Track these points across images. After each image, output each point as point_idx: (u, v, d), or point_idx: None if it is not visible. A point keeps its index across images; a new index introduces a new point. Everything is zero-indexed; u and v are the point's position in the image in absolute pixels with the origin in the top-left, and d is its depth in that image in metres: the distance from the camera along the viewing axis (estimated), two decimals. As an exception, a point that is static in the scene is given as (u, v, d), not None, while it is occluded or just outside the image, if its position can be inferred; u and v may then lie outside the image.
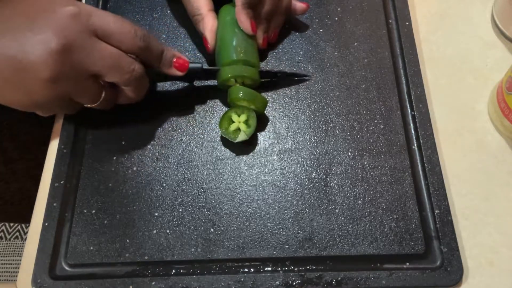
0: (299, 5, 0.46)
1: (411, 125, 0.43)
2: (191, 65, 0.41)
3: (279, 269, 0.37)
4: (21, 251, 1.11)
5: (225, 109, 0.44)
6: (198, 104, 0.44)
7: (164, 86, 0.45)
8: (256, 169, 0.41)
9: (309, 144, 0.42)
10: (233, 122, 0.41)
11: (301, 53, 0.47)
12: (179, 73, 0.41)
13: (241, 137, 0.40)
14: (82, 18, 0.35)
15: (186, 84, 0.45)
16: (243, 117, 0.41)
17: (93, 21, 0.35)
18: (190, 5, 0.44)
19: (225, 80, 0.42)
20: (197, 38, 0.47)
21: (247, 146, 0.42)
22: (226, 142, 0.42)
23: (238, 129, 0.41)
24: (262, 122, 0.43)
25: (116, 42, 0.36)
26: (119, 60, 0.36)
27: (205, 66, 0.42)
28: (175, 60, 0.40)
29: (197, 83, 0.45)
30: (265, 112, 0.44)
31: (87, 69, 0.35)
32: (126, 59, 0.37)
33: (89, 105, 0.39)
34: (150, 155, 0.42)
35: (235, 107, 0.41)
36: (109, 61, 0.36)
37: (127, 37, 0.36)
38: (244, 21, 0.42)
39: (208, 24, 0.43)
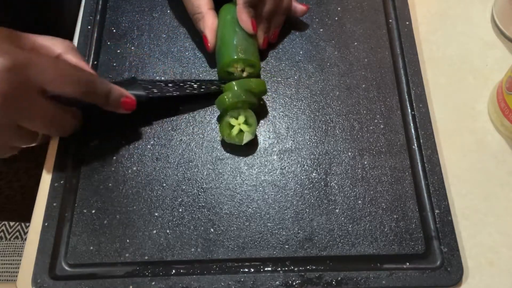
0: (299, 7, 0.46)
1: (411, 125, 0.43)
2: (138, 98, 0.40)
3: (279, 269, 0.37)
4: (21, 251, 1.11)
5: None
6: (198, 104, 0.44)
7: (164, 86, 0.45)
8: (256, 169, 0.41)
9: (309, 144, 0.42)
10: (233, 126, 0.41)
11: (301, 52, 0.47)
12: (127, 112, 0.40)
13: (247, 137, 0.40)
14: (17, 71, 0.32)
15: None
16: (241, 119, 0.41)
17: (30, 73, 0.33)
18: (190, 3, 0.44)
19: (226, 65, 0.42)
20: (197, 37, 0.47)
21: (247, 146, 0.42)
22: (226, 142, 0.42)
23: (241, 131, 0.41)
24: (262, 122, 0.43)
25: (57, 91, 0.35)
26: (56, 118, 0.36)
27: (150, 95, 0.41)
28: (122, 100, 0.39)
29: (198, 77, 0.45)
30: (265, 112, 0.44)
31: (21, 124, 0.35)
32: (61, 116, 0.37)
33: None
34: (150, 155, 0.42)
35: (229, 112, 0.41)
36: (45, 120, 0.35)
37: (68, 85, 0.35)
38: (245, 20, 0.42)
39: (208, 23, 0.43)
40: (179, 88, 0.42)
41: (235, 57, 0.42)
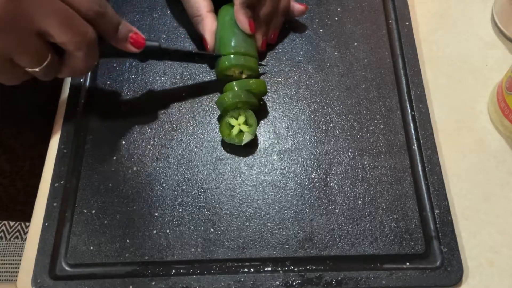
0: (297, 7, 0.46)
1: (411, 125, 0.43)
2: (148, 42, 0.39)
3: (279, 269, 0.37)
4: (21, 251, 1.11)
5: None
6: (198, 104, 0.44)
7: (164, 86, 0.45)
8: (256, 169, 0.41)
9: (309, 144, 0.42)
10: (233, 126, 0.41)
11: (301, 53, 0.47)
12: (134, 50, 0.38)
13: (247, 138, 0.40)
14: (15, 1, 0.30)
15: (187, 84, 0.45)
16: (241, 119, 0.41)
17: (28, 8, 0.31)
18: (190, 6, 0.44)
19: (223, 69, 0.42)
20: (197, 38, 0.47)
21: (247, 146, 0.42)
22: (226, 142, 0.42)
23: (241, 132, 0.41)
24: (262, 122, 0.43)
25: (72, 2, 0.32)
26: (72, 19, 0.33)
27: (164, 46, 0.41)
28: (131, 35, 0.37)
29: (199, 80, 0.45)
30: (265, 112, 0.44)
31: (35, 22, 0.31)
32: (80, 20, 0.33)
33: (30, 69, 0.34)
34: (150, 155, 0.42)
35: (229, 112, 0.41)
36: (61, 17, 0.32)
37: (110, 29, 0.35)
38: (243, 20, 0.42)
39: (208, 25, 0.43)
40: (184, 50, 0.45)
41: (233, 62, 0.42)
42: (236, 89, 0.41)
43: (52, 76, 0.36)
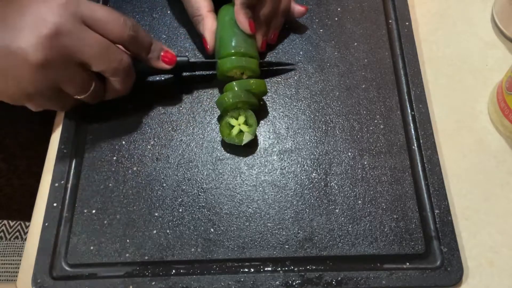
0: (297, 8, 0.46)
1: (411, 125, 0.43)
2: (178, 58, 0.42)
3: (279, 269, 0.37)
4: (21, 251, 1.11)
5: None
6: (198, 104, 0.44)
7: (164, 85, 0.45)
8: (256, 169, 0.41)
9: (309, 144, 0.42)
10: (233, 126, 0.41)
11: (301, 53, 0.47)
12: (167, 67, 0.41)
13: (247, 138, 0.40)
14: (71, 6, 0.35)
15: (187, 84, 0.45)
16: (241, 119, 0.41)
17: (81, 9, 0.35)
18: (190, 6, 0.44)
19: (224, 71, 0.42)
20: (197, 38, 0.47)
21: (247, 146, 0.42)
22: (226, 142, 0.42)
23: (241, 132, 0.41)
24: (262, 122, 0.43)
25: (104, 31, 0.36)
26: (107, 49, 0.36)
27: (192, 59, 0.43)
28: (163, 53, 0.41)
29: (199, 79, 0.45)
30: (265, 112, 0.44)
31: (75, 56, 0.35)
32: (114, 48, 0.37)
33: (78, 97, 0.38)
34: (150, 155, 0.42)
35: (229, 112, 0.41)
36: (97, 49, 0.36)
37: (116, 26, 0.36)
38: (243, 21, 0.42)
39: (208, 25, 0.43)
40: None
41: (234, 64, 0.41)
42: (236, 89, 0.41)
43: (99, 100, 0.41)
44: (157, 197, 0.40)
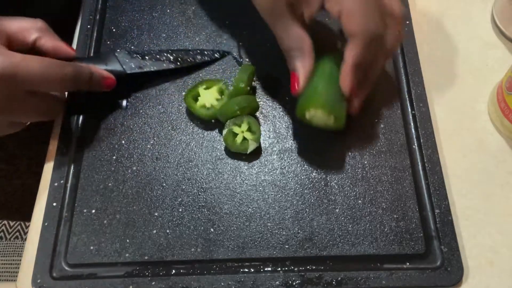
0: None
1: (412, 124, 0.43)
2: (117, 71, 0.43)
3: (279, 269, 0.37)
4: (21, 251, 1.11)
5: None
6: (198, 103, 0.44)
7: (164, 85, 0.45)
8: (256, 169, 0.41)
9: (309, 143, 0.42)
10: (237, 134, 0.41)
11: (301, 52, 0.47)
12: (109, 89, 0.42)
13: (252, 145, 0.40)
14: (6, 79, 0.34)
15: (187, 83, 0.45)
16: (244, 126, 0.41)
17: (17, 79, 0.35)
18: (288, 36, 0.37)
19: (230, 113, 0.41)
20: (197, 37, 0.47)
21: (247, 146, 0.42)
22: (226, 142, 0.42)
23: (245, 139, 0.40)
24: (262, 122, 0.43)
25: (46, 90, 0.38)
26: (44, 109, 0.39)
27: (129, 70, 0.43)
28: (103, 82, 0.41)
29: (199, 79, 0.45)
30: (265, 112, 0.44)
31: (13, 120, 0.39)
32: (51, 104, 0.40)
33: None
34: (150, 155, 0.42)
35: (232, 119, 0.41)
36: (35, 113, 0.39)
37: (56, 83, 0.37)
38: (348, 83, 0.36)
39: (307, 67, 0.37)
40: (156, 62, 0.44)
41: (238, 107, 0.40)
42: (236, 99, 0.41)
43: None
44: (157, 197, 0.40)
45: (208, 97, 0.42)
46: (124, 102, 0.44)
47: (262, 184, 0.40)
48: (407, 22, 0.48)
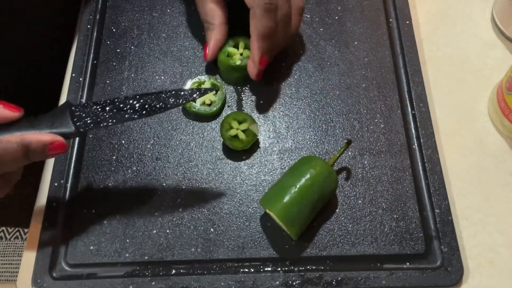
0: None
1: (412, 124, 0.43)
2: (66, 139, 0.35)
3: (279, 269, 0.37)
4: (21, 251, 1.11)
5: (225, 109, 0.44)
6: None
7: (164, 85, 0.45)
8: (256, 169, 0.41)
9: (309, 143, 0.42)
10: (232, 128, 0.40)
11: (301, 52, 0.47)
12: (58, 155, 0.35)
13: (254, 130, 0.40)
14: None
15: (187, 83, 0.45)
16: (243, 126, 0.40)
17: None
18: (204, 12, 0.43)
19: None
20: (197, 37, 0.47)
21: (247, 145, 0.41)
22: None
23: (236, 137, 0.40)
24: (262, 122, 0.43)
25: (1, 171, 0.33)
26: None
27: (82, 128, 0.35)
28: (47, 152, 0.33)
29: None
30: (265, 112, 0.44)
31: None
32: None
33: None
34: (150, 155, 0.42)
35: (234, 114, 0.41)
36: None
37: (11, 163, 0.33)
38: (255, 72, 0.41)
39: (217, 36, 0.43)
40: (117, 113, 0.35)
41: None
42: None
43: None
44: (157, 197, 0.40)
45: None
46: None
47: (262, 184, 0.40)
48: (407, 22, 0.48)
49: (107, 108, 0.36)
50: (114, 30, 0.48)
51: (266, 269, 0.37)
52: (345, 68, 0.46)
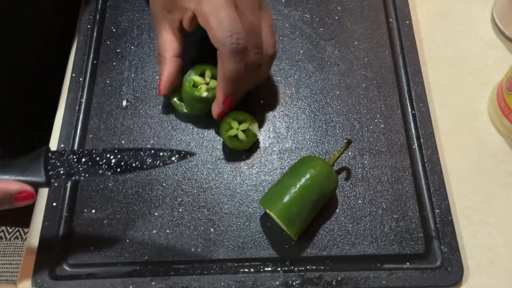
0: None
1: (412, 124, 0.43)
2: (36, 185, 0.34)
3: (279, 269, 0.37)
4: (21, 251, 1.11)
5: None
6: (198, 103, 0.44)
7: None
8: (256, 169, 0.41)
9: (309, 143, 0.42)
10: (232, 128, 0.40)
11: (301, 52, 0.47)
12: (27, 204, 0.34)
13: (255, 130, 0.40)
14: None
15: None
16: (243, 126, 0.40)
17: None
18: (158, 44, 0.41)
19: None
20: (197, 36, 0.47)
21: (247, 145, 0.41)
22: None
23: (236, 137, 0.40)
24: (262, 121, 0.43)
25: None
26: None
27: (53, 179, 0.34)
28: (13, 197, 0.32)
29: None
30: (265, 112, 0.44)
31: None
32: None
33: None
34: (150, 154, 0.42)
35: (234, 113, 0.40)
36: None
37: None
38: (217, 112, 0.39)
39: (168, 70, 0.40)
40: (91, 167, 0.35)
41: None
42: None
43: None
44: (157, 197, 0.40)
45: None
46: (124, 102, 0.44)
47: (262, 184, 0.40)
48: (407, 22, 0.48)
49: (83, 160, 0.35)
50: (114, 30, 0.48)
51: (266, 269, 0.37)
52: (345, 68, 0.46)
